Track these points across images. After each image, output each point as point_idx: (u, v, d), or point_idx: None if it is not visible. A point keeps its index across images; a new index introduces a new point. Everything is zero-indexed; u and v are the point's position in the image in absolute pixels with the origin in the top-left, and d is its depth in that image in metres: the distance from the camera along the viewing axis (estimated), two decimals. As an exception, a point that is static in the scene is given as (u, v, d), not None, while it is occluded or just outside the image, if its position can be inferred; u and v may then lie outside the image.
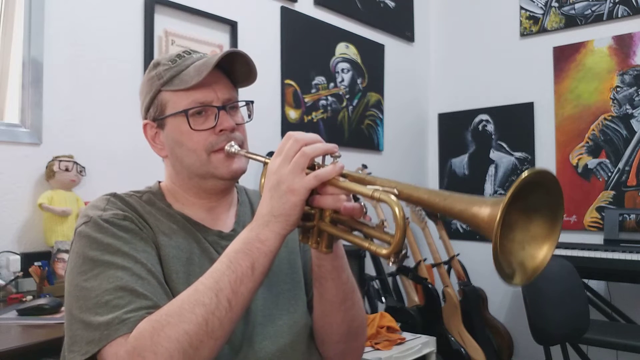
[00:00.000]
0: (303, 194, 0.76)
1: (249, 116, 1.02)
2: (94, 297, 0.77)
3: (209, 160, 0.91)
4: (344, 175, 0.78)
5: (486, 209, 0.65)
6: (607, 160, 3.15)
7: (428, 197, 0.72)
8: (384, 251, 0.71)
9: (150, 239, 0.87)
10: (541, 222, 0.70)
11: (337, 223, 0.79)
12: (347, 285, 0.90)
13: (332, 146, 0.79)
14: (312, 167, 0.78)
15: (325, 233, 0.80)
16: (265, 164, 0.85)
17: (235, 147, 0.91)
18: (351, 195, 0.79)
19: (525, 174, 0.63)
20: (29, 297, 1.62)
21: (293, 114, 2.80)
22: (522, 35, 3.49)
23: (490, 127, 3.62)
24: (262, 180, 0.83)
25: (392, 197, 0.70)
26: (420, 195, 0.72)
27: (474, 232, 3.59)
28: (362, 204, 0.78)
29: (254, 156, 0.92)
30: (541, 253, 0.70)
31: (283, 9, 2.76)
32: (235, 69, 0.96)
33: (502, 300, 3.49)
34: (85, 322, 0.76)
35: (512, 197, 0.62)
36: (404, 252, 0.71)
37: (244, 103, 1.00)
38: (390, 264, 0.71)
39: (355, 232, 0.79)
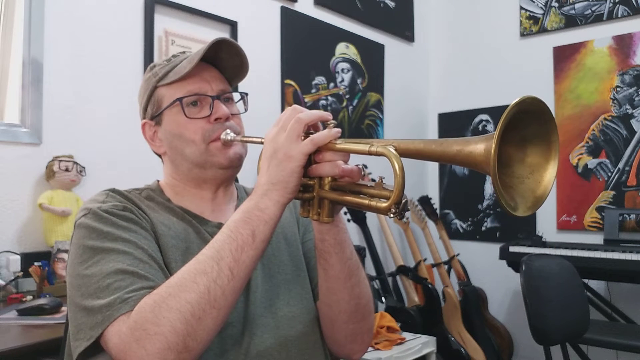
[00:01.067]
0: (300, 159, 0.76)
1: (245, 109, 1.03)
2: (95, 282, 0.77)
3: (206, 149, 0.93)
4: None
5: (481, 144, 0.66)
6: (607, 160, 3.15)
7: (424, 146, 0.73)
8: (384, 204, 0.71)
9: (150, 228, 0.87)
10: (537, 152, 0.72)
11: (336, 190, 0.80)
12: (352, 261, 0.90)
13: (327, 113, 0.80)
14: (307, 135, 0.79)
15: (326, 201, 0.80)
16: (262, 144, 0.85)
17: (231, 135, 0.93)
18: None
19: (512, 103, 0.64)
20: (29, 297, 1.62)
21: (293, 114, 2.80)
22: (522, 35, 3.49)
23: (490, 127, 3.62)
24: (260, 163, 0.84)
25: (390, 149, 0.71)
26: (417, 146, 0.74)
27: (473, 232, 3.61)
28: (360, 166, 0.79)
29: (250, 139, 0.93)
30: (542, 185, 0.72)
31: (283, 9, 2.76)
32: (227, 63, 0.98)
33: (502, 300, 3.49)
34: (88, 307, 0.76)
35: (504, 128, 0.64)
36: (404, 201, 0.70)
37: (239, 96, 1.02)
38: (391, 215, 0.71)
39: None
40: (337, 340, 0.98)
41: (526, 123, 0.69)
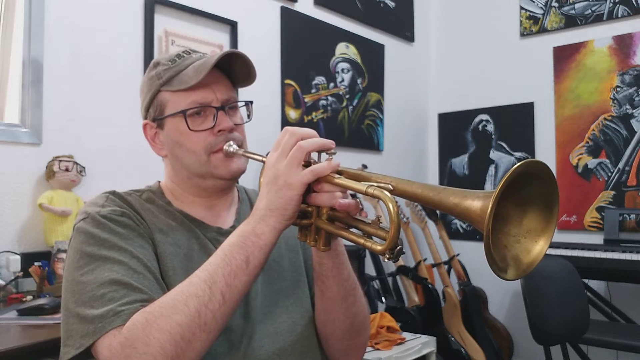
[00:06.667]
0: (299, 188, 0.76)
1: (248, 116, 1.02)
2: (89, 290, 0.77)
3: (208, 160, 0.92)
4: (340, 172, 0.79)
5: (478, 202, 0.65)
6: (607, 160, 3.15)
7: (421, 192, 0.72)
8: (379, 247, 0.72)
9: (147, 235, 0.87)
10: (536, 215, 0.70)
11: (334, 220, 0.80)
12: (349, 282, 0.91)
13: (329, 142, 0.80)
14: (307, 163, 0.79)
15: (323, 231, 0.80)
16: (263, 162, 0.85)
17: (234, 147, 0.92)
18: (348, 192, 0.80)
19: (516, 165, 0.63)
20: (29, 297, 1.62)
21: (293, 114, 2.80)
22: (522, 35, 3.49)
23: (490, 127, 3.62)
24: (261, 179, 0.84)
25: (386, 192, 0.71)
26: (414, 190, 0.73)
27: (474, 232, 3.61)
28: (358, 200, 0.79)
29: (252, 155, 0.92)
30: (536, 247, 0.70)
31: (283, 9, 2.76)
32: (234, 69, 0.96)
33: (502, 300, 3.49)
34: (80, 315, 0.76)
35: (504, 189, 0.63)
36: (399, 247, 0.70)
37: (243, 103, 1.01)
38: (386, 259, 0.72)
39: (353, 229, 0.79)
40: (331, 354, 0.99)
41: (529, 184, 0.67)
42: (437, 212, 3.45)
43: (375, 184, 0.73)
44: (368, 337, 1.03)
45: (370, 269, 2.99)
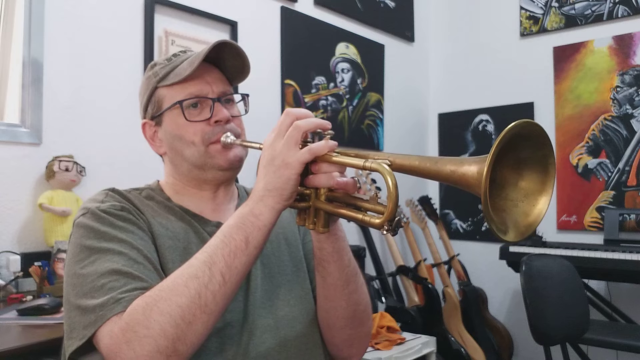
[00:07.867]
0: (297, 167, 0.76)
1: (246, 111, 1.03)
2: (90, 282, 0.77)
3: (206, 151, 0.93)
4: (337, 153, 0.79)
5: (474, 166, 0.66)
6: (607, 160, 3.15)
7: (419, 163, 0.73)
8: (377, 221, 0.71)
9: (147, 229, 0.88)
10: (533, 177, 0.71)
11: (332, 201, 0.80)
12: (350, 268, 0.90)
13: (325, 122, 0.80)
14: (304, 145, 0.78)
15: (321, 212, 0.80)
16: (261, 149, 0.85)
17: (231, 138, 0.92)
18: (346, 173, 0.80)
19: (511, 125, 0.64)
20: (29, 297, 1.62)
21: (293, 114, 2.79)
22: (522, 35, 3.49)
23: (490, 127, 3.62)
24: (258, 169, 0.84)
25: (384, 165, 0.71)
26: (412, 162, 0.74)
27: (473, 232, 3.61)
28: (356, 179, 0.79)
29: (250, 144, 0.93)
30: (534, 210, 0.71)
31: (283, 9, 2.76)
32: (228, 63, 0.98)
33: (502, 300, 3.49)
34: (82, 307, 0.76)
35: (499, 151, 0.64)
36: (397, 218, 0.70)
37: (240, 97, 1.02)
38: (384, 232, 0.71)
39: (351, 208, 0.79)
40: (335, 344, 0.98)
41: (523, 146, 0.68)
42: (437, 212, 3.45)
43: (373, 159, 0.73)
44: (371, 327, 1.02)
45: (370, 269, 2.99)
